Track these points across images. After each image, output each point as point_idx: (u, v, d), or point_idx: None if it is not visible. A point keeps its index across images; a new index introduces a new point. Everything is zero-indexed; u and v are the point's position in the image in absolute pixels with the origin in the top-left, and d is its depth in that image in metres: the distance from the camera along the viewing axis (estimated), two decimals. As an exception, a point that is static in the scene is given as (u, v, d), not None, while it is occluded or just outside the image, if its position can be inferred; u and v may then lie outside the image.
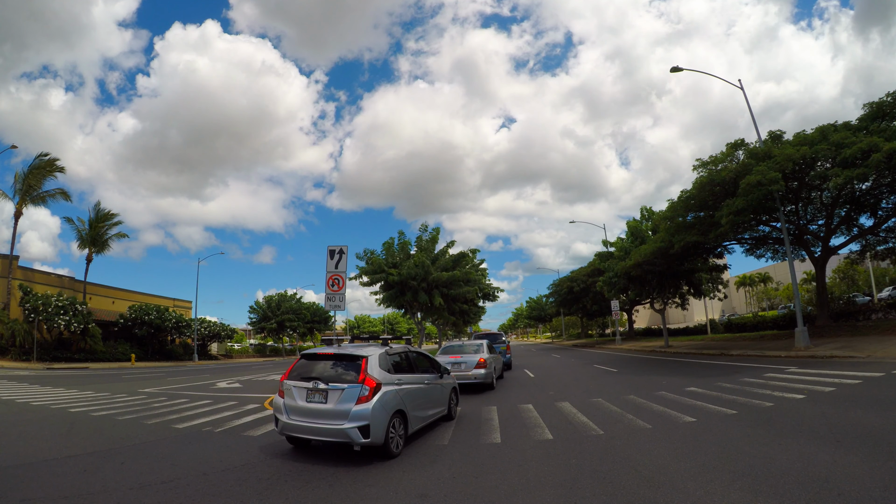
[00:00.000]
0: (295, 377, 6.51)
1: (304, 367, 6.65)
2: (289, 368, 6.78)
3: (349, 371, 6.29)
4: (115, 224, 43.33)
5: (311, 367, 6.59)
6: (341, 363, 6.47)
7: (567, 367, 20.32)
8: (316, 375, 6.38)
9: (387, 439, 6.06)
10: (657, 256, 20.16)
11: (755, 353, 18.46)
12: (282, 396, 6.51)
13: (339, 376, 6.27)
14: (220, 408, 11.46)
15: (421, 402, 7.32)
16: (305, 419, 6.13)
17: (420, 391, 7.37)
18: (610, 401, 9.88)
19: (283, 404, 6.39)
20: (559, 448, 6.26)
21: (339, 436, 5.88)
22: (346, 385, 6.09)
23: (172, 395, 14.30)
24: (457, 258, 30.14)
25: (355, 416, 5.85)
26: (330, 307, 13.16)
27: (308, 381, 6.30)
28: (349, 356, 6.49)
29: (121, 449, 7.18)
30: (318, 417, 6.06)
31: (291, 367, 6.77)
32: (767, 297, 68.89)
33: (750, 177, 15.48)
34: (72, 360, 32.88)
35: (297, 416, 6.20)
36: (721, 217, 16.01)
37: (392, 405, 6.32)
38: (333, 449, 6.73)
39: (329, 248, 13.46)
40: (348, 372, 6.28)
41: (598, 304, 46.06)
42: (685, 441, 6.22)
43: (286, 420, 6.26)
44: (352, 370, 6.28)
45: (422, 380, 7.60)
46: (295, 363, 6.86)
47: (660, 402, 9.25)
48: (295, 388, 6.35)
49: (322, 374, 6.39)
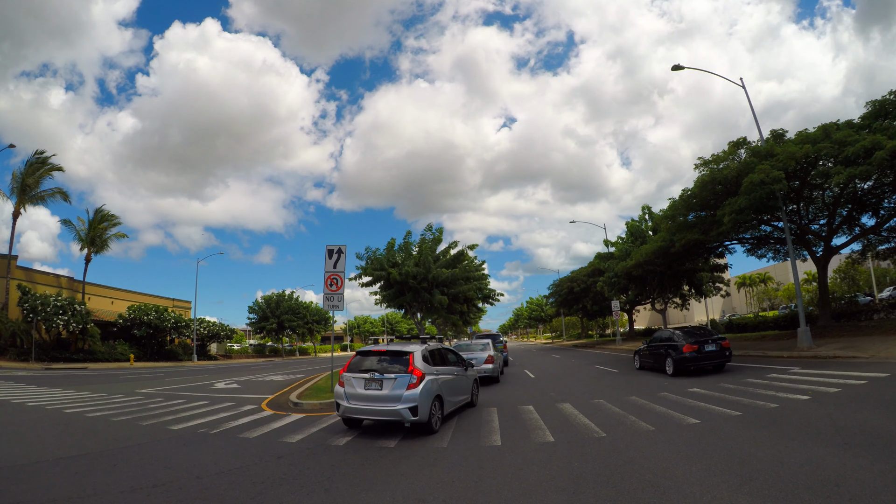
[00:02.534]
0: (353, 370, 7.77)
1: (359, 361, 7.93)
2: (346, 363, 8.06)
3: (399, 364, 7.62)
4: (114, 224, 43.23)
5: (365, 362, 7.88)
6: (391, 357, 7.79)
7: (568, 368, 20.19)
8: (371, 368, 7.70)
9: (430, 418, 7.45)
10: (658, 256, 20.00)
11: (757, 353, 18.33)
12: (342, 386, 7.76)
13: (391, 368, 7.59)
14: (217, 409, 11.33)
15: (452, 389, 8.70)
16: (364, 403, 7.49)
17: (451, 381, 8.71)
18: (612, 402, 9.75)
19: (344, 392, 7.68)
20: (561, 451, 6.12)
21: (393, 415, 7.23)
22: (397, 375, 7.42)
23: (169, 396, 14.18)
24: (456, 256, 29.96)
25: (406, 399, 7.20)
26: (328, 307, 13.03)
27: (365, 373, 7.60)
28: (398, 352, 7.84)
29: (114, 450, 7.05)
30: (376, 402, 7.40)
31: (349, 362, 8.05)
32: (768, 298, 68.81)
33: (752, 175, 15.34)
34: (70, 361, 32.78)
35: (356, 402, 7.54)
36: (723, 216, 15.86)
37: (433, 391, 7.66)
38: (331, 452, 6.62)
39: (327, 247, 13.34)
40: (398, 364, 7.61)
41: (598, 304, 45.92)
42: (690, 444, 6.09)
43: (347, 404, 7.60)
44: (401, 363, 7.61)
45: (452, 371, 8.94)
46: (351, 359, 8.10)
47: (662, 404, 9.12)
48: (354, 379, 7.63)
49: (376, 366, 7.72)
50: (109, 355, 36.54)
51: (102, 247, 42.37)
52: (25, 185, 36.03)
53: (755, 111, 18.49)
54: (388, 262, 29.45)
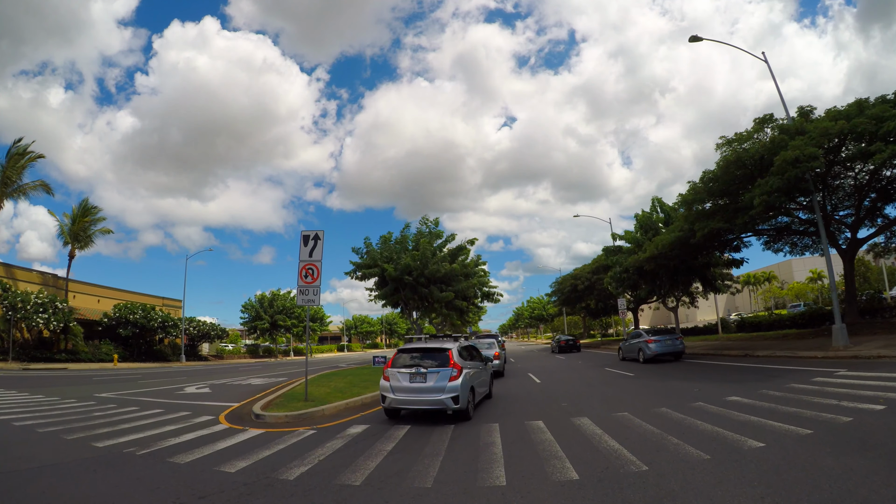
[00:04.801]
0: (398, 366, 8.59)
1: (402, 358, 8.76)
2: (390, 360, 8.88)
3: (440, 359, 8.46)
4: (99, 219, 41.48)
5: (407, 358, 8.71)
6: (433, 354, 8.64)
7: (575, 371, 18.41)
8: (414, 363, 8.53)
9: (467, 406, 8.39)
10: (676, 247, 18.15)
11: (785, 353, 16.56)
12: (387, 381, 8.54)
13: (434, 363, 8.43)
14: (167, 420, 9.59)
15: (479, 381, 9.70)
16: (410, 395, 8.32)
17: (478, 374, 9.63)
18: (639, 415, 7.97)
19: (390, 386, 8.47)
20: (592, 496, 4.34)
21: (438, 405, 8.12)
22: (440, 369, 8.30)
23: (124, 402, 12.46)
24: (455, 251, 28.11)
25: (449, 390, 8.10)
26: (303, 301, 11.28)
27: (410, 368, 8.44)
28: (439, 349, 8.73)
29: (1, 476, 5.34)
30: (421, 393, 8.26)
31: (392, 359, 8.89)
32: (774, 297, 67.09)
33: (785, 153, 13.58)
34: (52, 361, 31.26)
35: (402, 394, 8.36)
36: (753, 198, 14.03)
37: (468, 383, 8.61)
38: (274, 491, 4.88)
39: (303, 232, 11.59)
40: (440, 360, 8.45)
41: (603, 302, 44.13)
42: (766, 480, 4.35)
43: (393, 396, 8.39)
44: (442, 358, 8.46)
45: (477, 366, 9.81)
46: (394, 356, 8.93)
47: (704, 418, 7.36)
48: (399, 374, 8.46)
49: (419, 362, 8.53)
50: (93, 355, 34.86)
51: (87, 242, 40.68)
52: (6, 178, 34.31)
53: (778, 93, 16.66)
54: (382, 257, 27.69)
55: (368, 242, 28.12)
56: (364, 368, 20.75)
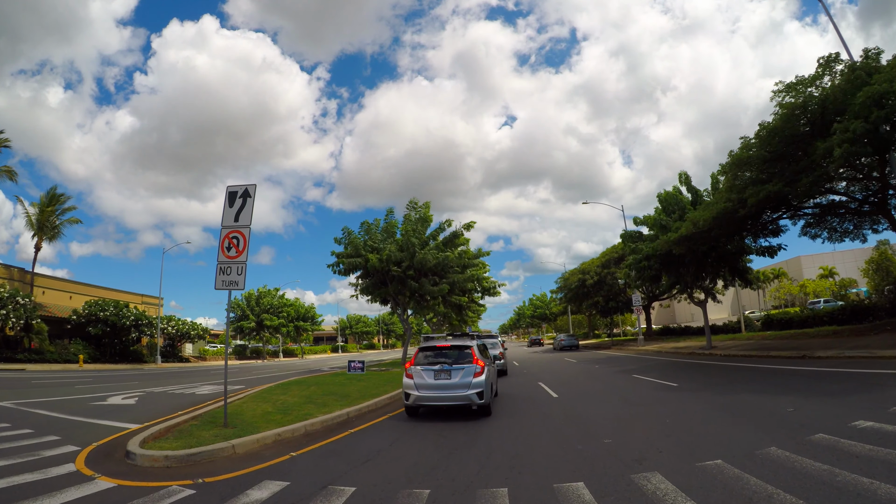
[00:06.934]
0: (421, 363, 8.93)
1: (424, 356, 9.09)
2: (412, 359, 9.15)
3: (463, 356, 8.88)
4: (69, 209, 38.36)
5: (430, 356, 9.06)
6: (455, 351, 9.04)
7: (599, 380, 14.76)
8: (438, 360, 8.91)
9: (489, 401, 8.90)
10: (719, 223, 14.54)
11: (858, 353, 13.21)
12: (410, 378, 8.88)
13: (457, 360, 8.82)
14: (9, 451, 6.31)
15: (493, 378, 10.55)
16: (435, 391, 8.64)
17: (492, 371, 10.23)
18: (747, 466, 4.64)
19: (414, 384, 8.80)
20: None
21: (464, 400, 8.51)
22: (465, 365, 8.68)
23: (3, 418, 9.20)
24: (448, 238, 24.74)
25: (474, 386, 8.49)
26: (224, 284, 8.01)
27: (434, 365, 8.80)
28: (462, 346, 9.13)
29: None
30: (446, 389, 8.59)
31: (414, 357, 9.17)
32: (789, 294, 63.99)
33: (870, 88, 10.30)
34: (12, 361, 28.39)
35: (426, 391, 8.67)
36: (831, 147, 10.59)
37: (489, 379, 9.12)
38: None
39: (228, 188, 8.36)
40: (463, 357, 8.87)
41: (614, 298, 40.79)
42: None
43: (418, 393, 8.71)
44: (465, 356, 8.88)
45: (491, 364, 10.28)
46: (416, 354, 9.23)
47: (847, 465, 4.11)
48: (423, 371, 8.81)
49: (441, 360, 8.91)
50: (59, 356, 31.78)
51: (55, 234, 37.57)
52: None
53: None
54: (365, 246, 24.47)
55: (349, 230, 24.80)
56: (338, 376, 17.47)
